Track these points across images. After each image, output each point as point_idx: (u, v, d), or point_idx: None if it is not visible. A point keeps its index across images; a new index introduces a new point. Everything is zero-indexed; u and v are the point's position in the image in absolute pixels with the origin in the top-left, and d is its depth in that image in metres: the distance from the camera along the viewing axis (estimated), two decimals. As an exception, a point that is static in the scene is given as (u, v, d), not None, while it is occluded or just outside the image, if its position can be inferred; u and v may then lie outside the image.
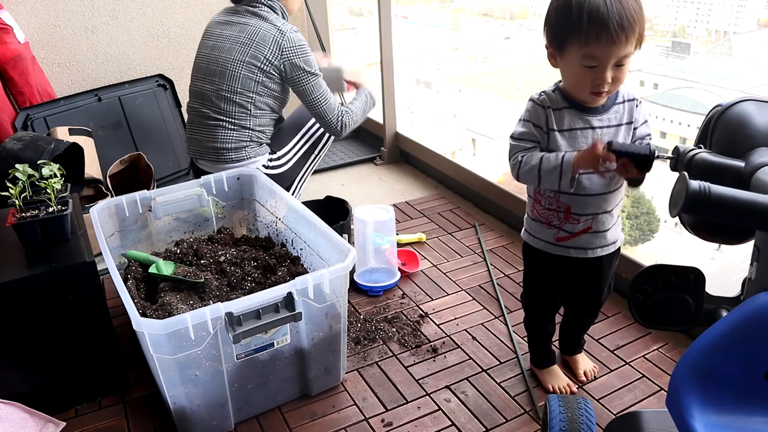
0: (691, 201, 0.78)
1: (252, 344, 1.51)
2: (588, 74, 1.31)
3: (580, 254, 1.50)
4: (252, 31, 2.17)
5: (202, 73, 2.25)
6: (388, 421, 1.63)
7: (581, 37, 1.27)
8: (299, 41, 2.19)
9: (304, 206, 1.88)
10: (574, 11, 1.26)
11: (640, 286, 1.02)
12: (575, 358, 1.77)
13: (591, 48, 1.27)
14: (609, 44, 1.26)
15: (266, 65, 2.16)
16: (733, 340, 0.79)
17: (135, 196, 1.99)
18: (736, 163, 0.92)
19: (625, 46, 1.27)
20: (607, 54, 1.27)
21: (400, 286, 2.21)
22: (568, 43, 1.30)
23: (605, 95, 1.36)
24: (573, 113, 1.40)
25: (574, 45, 1.29)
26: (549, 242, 1.51)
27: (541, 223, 1.51)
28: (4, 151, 2.18)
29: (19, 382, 1.60)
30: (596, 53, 1.28)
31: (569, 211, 1.45)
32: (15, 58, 2.57)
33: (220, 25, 2.26)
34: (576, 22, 1.26)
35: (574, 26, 1.27)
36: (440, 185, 3.01)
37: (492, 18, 5.44)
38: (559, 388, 1.69)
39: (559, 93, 1.41)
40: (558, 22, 1.32)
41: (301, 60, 2.18)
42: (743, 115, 0.97)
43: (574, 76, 1.34)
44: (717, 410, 0.79)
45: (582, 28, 1.26)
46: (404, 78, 4.02)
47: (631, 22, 1.25)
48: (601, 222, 1.47)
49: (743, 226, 0.93)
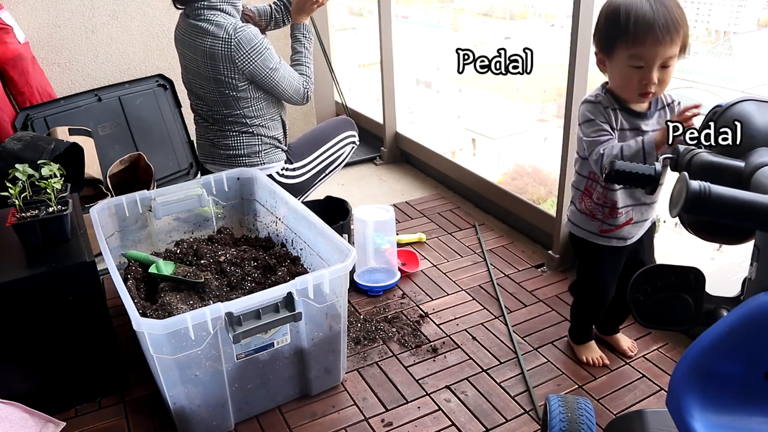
0: (691, 201, 0.78)
1: (252, 344, 1.51)
2: (635, 74, 1.40)
3: (621, 243, 1.62)
4: (202, 52, 2.05)
5: (193, 95, 2.24)
6: (388, 421, 1.63)
7: (629, 39, 1.37)
8: (248, 41, 2.03)
9: (304, 206, 1.88)
10: (622, 16, 1.37)
11: (640, 286, 1.02)
12: (616, 337, 1.85)
13: (638, 48, 1.36)
14: (655, 45, 1.35)
15: (230, 79, 2.07)
16: (733, 340, 0.79)
17: (135, 196, 1.99)
18: (735, 163, 0.91)
19: (669, 47, 1.36)
20: (653, 54, 1.36)
21: (400, 286, 2.21)
22: (616, 46, 1.40)
23: (651, 96, 1.44)
24: (624, 115, 1.49)
25: (623, 47, 1.39)
26: (592, 233, 1.62)
27: (585, 215, 1.62)
28: (4, 151, 2.17)
29: (19, 382, 1.60)
30: (643, 53, 1.37)
31: (615, 207, 1.55)
32: (15, 58, 2.57)
33: (182, 43, 2.16)
34: (624, 26, 1.36)
35: (621, 30, 1.37)
36: (440, 185, 3.01)
37: (492, 18, 5.43)
38: (593, 360, 1.80)
39: (610, 95, 1.49)
40: (607, 28, 1.42)
41: (257, 61, 2.05)
42: (743, 115, 0.97)
43: (623, 77, 1.43)
44: (717, 410, 0.79)
45: (629, 31, 1.36)
46: (404, 78, 4.02)
47: (675, 25, 1.35)
48: (641, 212, 1.58)
49: (743, 226, 0.93)
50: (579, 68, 1.98)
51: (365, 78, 4.52)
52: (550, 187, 4.13)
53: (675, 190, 0.83)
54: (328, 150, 2.44)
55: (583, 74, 1.99)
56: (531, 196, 3.14)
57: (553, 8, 4.81)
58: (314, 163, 2.40)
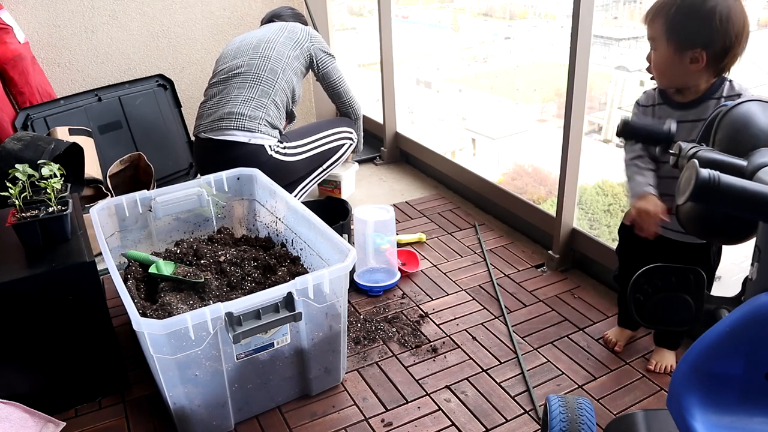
0: (700, 188, 0.76)
1: (252, 344, 1.51)
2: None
3: (668, 234, 1.57)
4: (284, 26, 2.55)
5: (234, 51, 2.47)
6: (388, 421, 1.63)
7: None
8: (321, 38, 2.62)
9: (304, 206, 1.88)
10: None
11: (640, 286, 1.02)
12: (659, 350, 1.79)
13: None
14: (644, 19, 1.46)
15: (299, 43, 2.49)
16: (733, 340, 0.79)
17: (135, 196, 1.99)
18: (738, 162, 0.91)
19: (650, 26, 1.43)
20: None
21: (400, 286, 2.20)
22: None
23: (657, 82, 1.48)
24: (664, 109, 1.50)
25: None
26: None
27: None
28: (4, 151, 2.17)
29: (19, 382, 1.60)
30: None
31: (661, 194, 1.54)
32: (15, 58, 2.57)
33: (258, 29, 2.58)
34: None
35: None
36: (440, 185, 3.01)
37: (492, 18, 5.44)
38: (607, 339, 1.85)
39: (657, 91, 1.53)
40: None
41: (324, 46, 2.57)
42: (748, 115, 0.96)
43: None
44: (718, 411, 0.79)
45: None
46: (404, 78, 4.02)
47: (657, 7, 1.41)
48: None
49: (750, 218, 0.92)
50: (579, 68, 1.98)
51: (365, 78, 4.52)
52: (550, 187, 4.14)
53: (684, 178, 0.82)
54: (323, 138, 2.55)
55: (583, 74, 1.99)
56: (531, 196, 3.15)
57: (553, 8, 4.81)
58: (308, 146, 2.49)
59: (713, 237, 1.05)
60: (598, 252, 2.13)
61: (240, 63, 2.42)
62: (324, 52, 2.56)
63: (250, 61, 2.40)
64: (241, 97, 2.35)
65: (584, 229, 2.20)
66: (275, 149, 2.35)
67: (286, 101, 2.44)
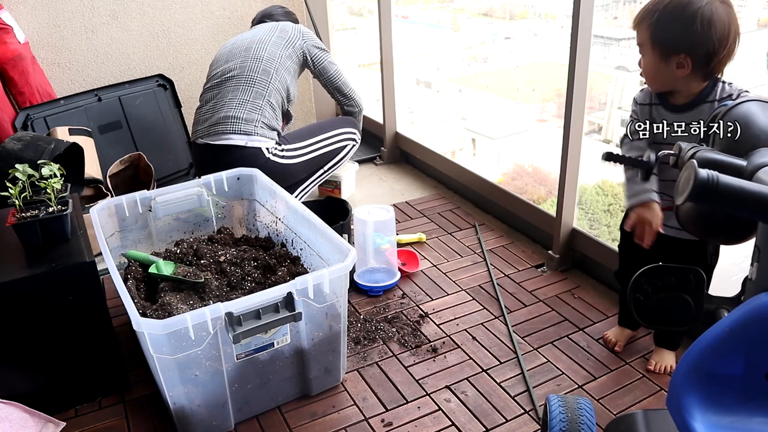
0: (698, 188, 0.76)
1: (252, 344, 1.51)
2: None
3: (667, 231, 1.55)
4: (275, 25, 2.55)
5: (226, 54, 2.47)
6: (388, 421, 1.63)
7: None
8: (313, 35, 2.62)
9: (304, 206, 1.88)
10: None
11: (640, 286, 1.02)
12: (658, 350, 1.79)
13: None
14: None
15: (291, 42, 2.49)
16: (733, 340, 0.79)
17: (135, 196, 1.99)
18: (738, 162, 0.91)
19: (638, 31, 1.44)
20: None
21: (400, 286, 2.20)
22: None
23: (648, 85, 1.49)
24: (660, 110, 1.50)
25: None
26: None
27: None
28: (4, 151, 2.17)
29: (19, 382, 1.60)
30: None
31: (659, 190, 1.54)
32: (15, 58, 2.57)
33: (249, 31, 2.59)
34: None
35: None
36: (440, 185, 3.01)
37: (492, 18, 5.44)
38: (607, 339, 1.86)
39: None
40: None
41: (317, 41, 2.58)
42: (748, 115, 0.96)
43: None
44: (717, 410, 0.79)
45: None
46: (404, 78, 4.02)
47: (644, 14, 1.43)
48: (669, 216, 1.55)
49: (748, 218, 0.92)
50: (579, 68, 1.98)
51: (365, 78, 4.52)
52: (550, 187, 4.13)
53: (682, 178, 0.82)
54: (323, 140, 2.53)
55: (583, 74, 1.99)
56: (531, 196, 3.14)
57: (553, 8, 4.81)
58: (308, 149, 2.48)
59: (713, 237, 1.04)
60: (598, 252, 2.13)
61: (232, 66, 2.41)
62: (317, 47, 2.55)
63: (242, 63, 2.40)
64: (236, 101, 2.34)
65: (584, 229, 2.20)
66: (273, 152, 2.35)
67: (281, 101, 2.44)
